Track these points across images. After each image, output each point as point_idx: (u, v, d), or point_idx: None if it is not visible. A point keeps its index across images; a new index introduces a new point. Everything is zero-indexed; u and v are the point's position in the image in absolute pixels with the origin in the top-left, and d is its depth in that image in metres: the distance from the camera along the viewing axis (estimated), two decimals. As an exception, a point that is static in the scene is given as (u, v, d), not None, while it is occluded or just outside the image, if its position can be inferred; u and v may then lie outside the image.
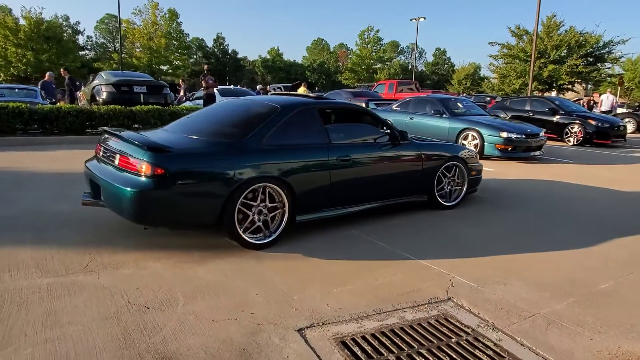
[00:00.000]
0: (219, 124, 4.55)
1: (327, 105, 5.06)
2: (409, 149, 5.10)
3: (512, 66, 26.18)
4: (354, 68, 55.30)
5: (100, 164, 4.09)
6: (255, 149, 3.94)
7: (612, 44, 24.67)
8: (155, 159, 3.47)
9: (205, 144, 3.96)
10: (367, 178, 4.73)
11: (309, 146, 4.30)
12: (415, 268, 3.64)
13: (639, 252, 4.20)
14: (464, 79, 49.14)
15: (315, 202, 4.30)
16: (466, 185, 5.68)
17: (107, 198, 3.78)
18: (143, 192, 3.43)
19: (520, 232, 4.73)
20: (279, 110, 4.27)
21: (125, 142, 3.79)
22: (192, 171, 3.64)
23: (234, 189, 3.69)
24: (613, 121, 13.66)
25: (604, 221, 5.22)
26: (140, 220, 3.66)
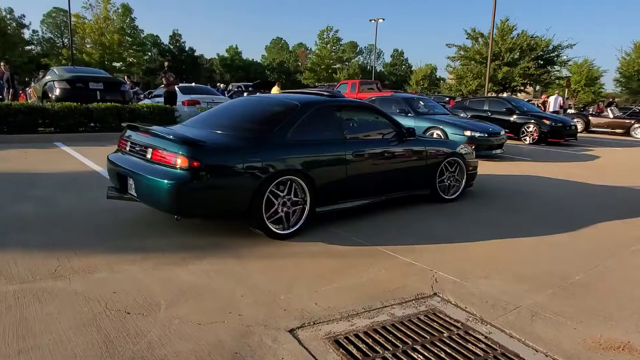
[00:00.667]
0: (242, 120, 4.75)
1: (341, 102, 5.20)
2: (415, 144, 5.38)
3: (468, 68, 27.04)
4: (313, 68, 55.49)
5: (129, 158, 4.21)
6: (281, 144, 4.15)
7: (561, 48, 26.00)
8: (192, 152, 3.63)
9: (235, 139, 4.18)
10: (379, 172, 5.01)
11: (328, 141, 4.54)
12: (398, 265, 3.65)
13: (602, 244, 4.39)
14: (422, 80, 50.30)
15: (333, 194, 4.53)
16: (465, 179, 5.97)
17: (141, 191, 3.90)
18: (180, 183, 3.57)
19: (495, 227, 4.84)
20: (299, 107, 4.48)
21: (157, 136, 3.95)
22: (224, 164, 3.83)
23: (262, 180, 3.88)
24: (565, 121, 14.32)
25: (570, 215, 5.43)
26: (176, 211, 3.77)
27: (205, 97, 12.97)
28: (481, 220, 5.10)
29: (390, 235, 4.39)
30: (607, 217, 5.41)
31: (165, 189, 3.59)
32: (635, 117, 19.54)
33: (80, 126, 10.36)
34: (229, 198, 3.88)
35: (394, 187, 5.24)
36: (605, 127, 20.00)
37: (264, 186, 3.90)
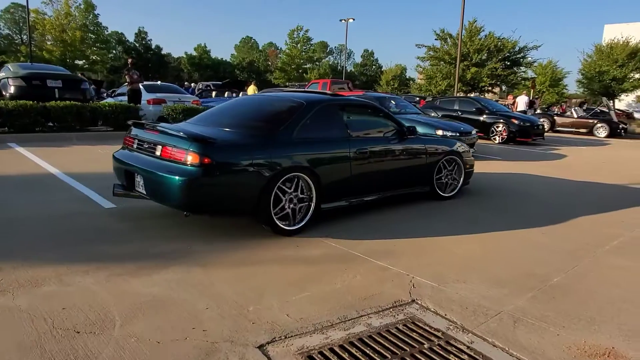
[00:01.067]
0: (249, 118, 4.82)
1: (345, 101, 5.26)
2: (415, 143, 5.48)
3: (438, 68, 27.30)
4: (284, 67, 55.08)
5: (137, 155, 4.24)
6: (287, 141, 4.23)
7: (527, 49, 26.55)
8: (203, 149, 3.67)
9: (243, 136, 4.24)
10: (381, 169, 5.11)
11: (333, 139, 4.64)
12: (373, 269, 3.47)
13: (580, 243, 4.34)
14: (392, 80, 50.68)
15: (337, 191, 4.62)
16: (462, 177, 6.06)
17: (150, 187, 3.94)
18: (190, 180, 3.61)
19: (474, 225, 4.74)
20: (305, 106, 4.56)
21: (166, 134, 3.99)
22: (234, 161, 3.88)
23: (270, 177, 3.94)
24: (533, 120, 14.56)
25: (546, 214, 5.40)
26: (186, 207, 3.82)
27: (172, 95, 12.51)
28: (456, 220, 4.99)
29: (362, 238, 4.22)
30: (580, 214, 5.41)
31: (176, 185, 3.63)
32: (598, 117, 20.13)
33: (37, 126, 9.78)
34: (237, 194, 3.93)
35: (395, 184, 5.35)
36: (570, 126, 20.52)
37: (272, 183, 3.96)
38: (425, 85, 28.80)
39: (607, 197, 6.64)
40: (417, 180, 5.62)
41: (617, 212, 5.70)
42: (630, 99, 40.59)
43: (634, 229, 4.94)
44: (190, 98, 13.02)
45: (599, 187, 7.45)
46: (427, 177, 5.68)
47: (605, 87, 31.29)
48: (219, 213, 4.23)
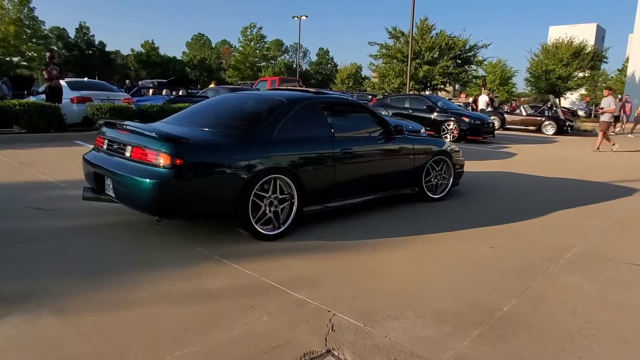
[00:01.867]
0: (227, 117, 4.56)
1: (329, 99, 5.03)
2: (403, 142, 5.26)
3: (390, 66, 27.09)
4: (237, 65, 53.66)
5: (106, 156, 4.02)
6: (267, 141, 4.00)
7: (477, 48, 26.77)
8: (174, 150, 3.46)
9: (220, 136, 4.01)
10: (368, 170, 4.89)
11: (315, 139, 4.40)
12: (287, 304, 2.79)
13: (531, 257, 3.83)
14: (347, 79, 50.45)
15: (321, 193, 4.39)
16: (452, 178, 5.86)
17: (119, 191, 3.72)
18: (161, 182, 3.39)
19: (411, 242, 4.15)
20: (285, 104, 4.34)
21: (137, 133, 3.75)
22: (209, 162, 3.66)
23: (249, 179, 3.72)
24: (483, 119, 14.38)
25: (492, 220, 4.90)
26: (157, 212, 3.61)
27: (99, 93, 11.38)
28: (399, 229, 4.39)
29: (277, 261, 3.53)
30: (529, 220, 4.95)
31: (146, 188, 3.41)
32: (545, 115, 20.39)
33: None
34: (213, 197, 3.70)
35: (383, 186, 5.14)
36: (519, 124, 20.67)
37: (250, 185, 3.75)
38: (379, 84, 28.55)
39: (556, 195, 6.25)
40: (406, 181, 5.41)
41: (567, 214, 5.29)
42: (574, 97, 42.19)
43: (586, 236, 4.51)
44: (121, 96, 11.93)
45: (549, 185, 7.10)
46: (415, 178, 5.47)
47: (552, 86, 32.18)
48: (193, 217, 3.99)
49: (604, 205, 5.99)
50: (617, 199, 6.43)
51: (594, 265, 3.73)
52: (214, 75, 53.42)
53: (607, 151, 12.57)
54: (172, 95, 13.39)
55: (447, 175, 5.85)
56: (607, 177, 8.18)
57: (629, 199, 6.42)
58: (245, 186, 3.71)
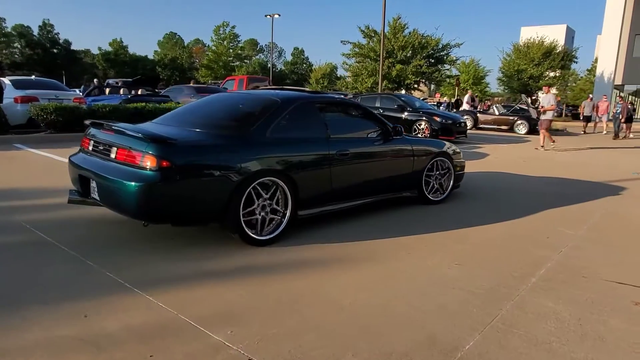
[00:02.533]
0: (219, 117, 4.43)
1: (324, 99, 4.91)
2: (402, 143, 5.12)
3: (363, 65, 26.73)
4: (210, 65, 52.50)
5: (92, 158, 3.85)
6: (260, 142, 3.86)
7: (449, 47, 26.65)
8: (161, 151, 3.31)
9: (210, 136, 3.87)
10: (365, 172, 4.74)
11: (310, 139, 4.26)
12: (198, 351, 2.24)
13: (501, 275, 3.37)
14: (321, 78, 49.91)
15: (316, 196, 4.24)
16: (452, 180, 5.70)
17: (103, 194, 3.57)
18: (147, 185, 3.24)
19: (371, 258, 3.65)
20: (279, 104, 4.22)
21: (123, 134, 3.58)
22: (198, 163, 3.51)
23: (240, 182, 3.58)
24: (455, 118, 14.08)
25: (460, 226, 4.44)
26: (143, 216, 3.44)
27: (46, 92, 10.54)
28: (365, 238, 3.88)
29: (205, 290, 2.97)
30: (500, 229, 4.51)
31: (131, 192, 3.26)
32: (518, 115, 20.30)
33: None
34: (202, 201, 3.53)
35: (380, 188, 4.97)
36: (492, 123, 20.53)
37: (242, 188, 3.60)
38: (352, 83, 28.16)
39: (530, 198, 5.86)
40: (404, 183, 5.24)
41: (541, 220, 4.89)
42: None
43: (560, 247, 4.09)
44: (71, 95, 11.13)
45: (522, 187, 6.72)
46: (414, 180, 5.31)
47: (524, 85, 32.37)
48: (181, 222, 3.70)
49: (578, 209, 5.62)
50: (591, 201, 6.10)
51: (570, 283, 3.28)
52: (186, 74, 52.22)
53: (550, 149, 12.47)
54: (129, 95, 12.64)
55: (447, 177, 5.69)
56: (580, 176, 7.87)
57: (602, 201, 6.08)
58: (236, 189, 3.55)
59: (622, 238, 4.51)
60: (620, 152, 13.41)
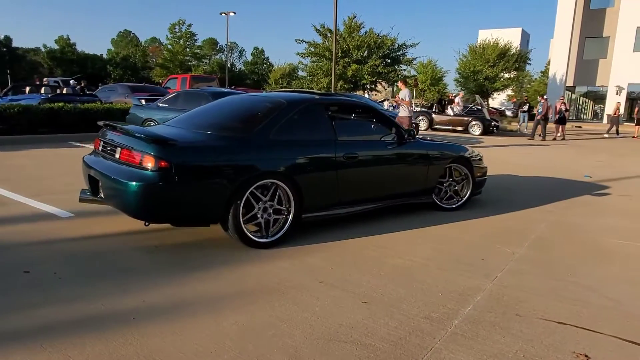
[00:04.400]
0: (225, 118, 4.45)
1: (332, 101, 4.79)
2: (415, 148, 4.97)
3: (318, 64, 26.06)
4: (165, 64, 50.53)
5: (99, 159, 3.96)
6: (262, 144, 3.85)
7: (405, 47, 26.34)
8: (160, 152, 3.36)
9: (211, 138, 3.88)
10: (373, 176, 4.63)
11: (315, 142, 4.20)
12: None
13: (413, 320, 2.68)
14: (281, 79, 48.91)
15: (321, 200, 4.18)
16: (470, 187, 5.47)
17: (107, 193, 3.66)
18: (147, 185, 3.31)
19: (264, 297, 2.89)
20: (285, 106, 4.21)
21: (128, 135, 3.67)
22: (197, 164, 3.52)
23: (239, 183, 3.56)
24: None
25: (383, 252, 3.75)
26: (144, 216, 3.49)
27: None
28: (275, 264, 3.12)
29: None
30: (429, 250, 3.85)
31: (132, 191, 3.32)
32: (472, 115, 20.13)
33: None
34: (202, 202, 3.52)
35: (390, 193, 4.82)
36: (447, 124, 20.26)
37: (242, 189, 3.58)
38: (307, 83, 27.45)
39: (469, 206, 5.27)
40: (418, 188, 5.05)
41: (478, 234, 4.27)
42: (502, 97, 43.40)
43: (495, 272, 3.47)
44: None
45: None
46: (429, 185, 5.12)
47: (480, 86, 32.57)
48: (181, 222, 3.74)
49: (520, 219, 5.07)
50: (534, 208, 5.58)
51: (500, 327, 2.63)
52: (139, 73, 50.10)
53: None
54: (49, 95, 11.44)
55: (465, 183, 5.46)
56: (528, 173, 7.41)
57: (548, 210, 5.56)
58: (236, 190, 3.55)
59: (566, 255, 3.94)
60: (551, 149, 13.24)
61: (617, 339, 2.54)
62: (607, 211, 5.75)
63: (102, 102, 11.82)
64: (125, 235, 3.96)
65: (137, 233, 3.98)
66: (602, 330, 2.63)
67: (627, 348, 2.46)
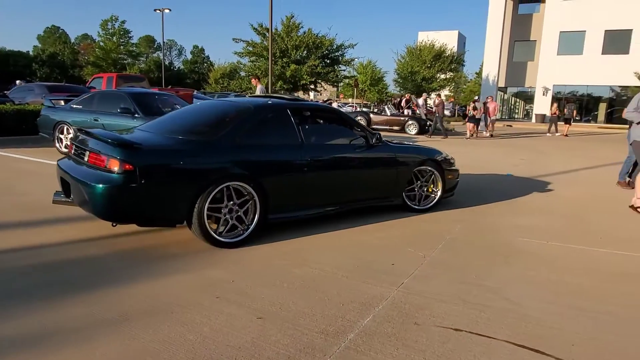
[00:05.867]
0: (195, 123, 4.58)
1: (300, 106, 4.86)
2: (382, 151, 5.12)
3: (256, 64, 25.67)
4: (97, 62, 48.05)
5: (71, 162, 4.09)
6: (226, 148, 3.99)
7: (344, 47, 26.52)
8: (125, 155, 3.49)
9: (177, 142, 4.02)
10: (340, 179, 4.76)
11: (282, 146, 4.35)
12: None
13: (307, 335, 2.54)
14: (221, 78, 47.98)
15: (288, 201, 4.33)
16: (440, 188, 5.59)
17: (76, 195, 3.80)
18: (112, 187, 3.45)
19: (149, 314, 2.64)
20: (251, 111, 4.41)
21: (96, 139, 3.80)
22: (161, 168, 3.65)
23: (204, 186, 3.70)
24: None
25: (291, 258, 3.60)
26: (110, 217, 3.63)
27: None
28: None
29: None
30: (339, 254, 3.74)
31: (98, 193, 3.48)
32: (409, 115, 20.54)
33: None
34: (167, 203, 3.67)
35: (358, 196, 4.99)
36: (384, 124, 20.58)
37: (207, 191, 3.71)
38: (246, 83, 26.99)
39: (387, 207, 5.25)
40: (385, 191, 5.19)
41: (395, 234, 4.22)
42: (442, 97, 44.86)
43: (402, 278, 3.41)
44: None
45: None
46: (396, 188, 5.25)
47: (418, 86, 33.43)
48: (147, 223, 3.83)
49: (439, 220, 5.10)
50: (455, 209, 5.64)
51: (396, 336, 2.54)
52: (68, 72, 47.29)
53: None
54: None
55: (435, 185, 5.58)
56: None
57: (465, 209, 5.65)
58: (200, 192, 3.67)
59: (475, 257, 3.96)
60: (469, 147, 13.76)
61: (510, 344, 2.52)
62: (522, 209, 5.93)
63: (15, 103, 10.90)
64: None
65: (16, 251, 3.60)
66: (496, 335, 2.61)
67: (518, 353, 2.44)
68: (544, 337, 2.61)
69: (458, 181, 6.01)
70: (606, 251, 4.26)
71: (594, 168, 10.35)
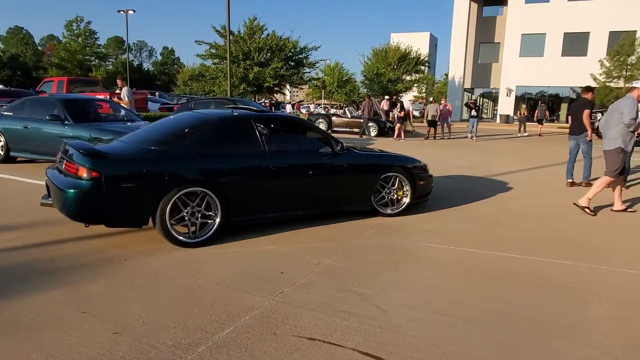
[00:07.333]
0: (165, 134, 4.86)
1: (264, 117, 5.31)
2: (346, 159, 5.33)
3: (219, 67, 25.52)
4: (62, 64, 46.93)
5: (54, 169, 4.51)
6: (188, 156, 4.37)
7: (307, 50, 26.62)
8: (91, 164, 3.94)
9: (143, 151, 4.37)
10: (302, 186, 5.01)
11: (244, 154, 4.68)
12: None
13: (164, 348, 2.57)
14: (189, 80, 47.36)
15: (250, 206, 4.66)
16: (410, 194, 5.70)
17: (54, 198, 4.27)
18: (81, 192, 3.90)
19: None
20: (216, 121, 4.85)
21: (72, 148, 4.21)
22: (124, 175, 4.04)
23: (166, 191, 4.08)
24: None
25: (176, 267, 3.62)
26: (80, 218, 4.05)
27: None
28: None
29: None
30: (231, 266, 3.77)
31: (69, 197, 3.92)
32: (372, 117, 20.67)
33: None
34: (130, 206, 4.07)
35: (322, 201, 5.25)
36: (345, 126, 20.76)
37: (169, 196, 4.08)
38: (209, 86, 26.80)
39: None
40: (350, 197, 5.45)
41: (300, 238, 4.28)
42: (409, 98, 45.42)
43: (283, 287, 3.46)
44: None
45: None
46: (363, 194, 5.47)
47: (384, 88, 33.75)
48: (114, 224, 4.23)
49: (352, 225, 5.14)
50: (368, 219, 5.67)
51: (247, 347, 2.58)
52: (31, 74, 46.06)
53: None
54: None
55: (403, 191, 5.70)
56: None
57: (381, 218, 5.71)
58: (162, 197, 4.05)
59: (370, 264, 4.03)
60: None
61: (355, 352, 2.59)
62: (441, 214, 5.98)
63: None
64: None
65: None
66: (346, 344, 2.68)
67: (361, 361, 2.51)
68: (392, 344, 2.69)
69: (432, 186, 6.20)
70: (500, 254, 4.38)
71: (537, 169, 10.61)
